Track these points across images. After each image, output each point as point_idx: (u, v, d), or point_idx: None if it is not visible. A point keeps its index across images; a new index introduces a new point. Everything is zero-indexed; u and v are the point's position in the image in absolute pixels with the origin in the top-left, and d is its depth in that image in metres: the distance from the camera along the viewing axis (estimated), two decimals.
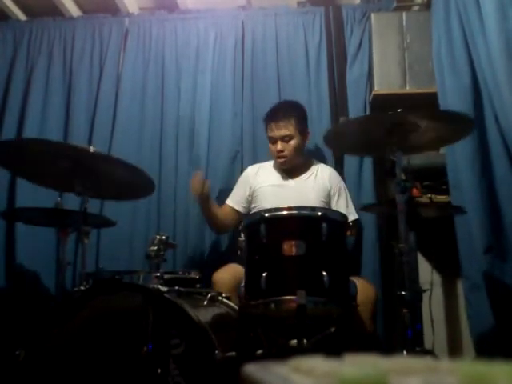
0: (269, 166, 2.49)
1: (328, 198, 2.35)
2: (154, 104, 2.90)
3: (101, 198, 2.52)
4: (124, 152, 2.71)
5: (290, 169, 2.41)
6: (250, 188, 2.41)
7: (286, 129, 2.31)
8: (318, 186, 2.36)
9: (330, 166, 2.57)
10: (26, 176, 2.05)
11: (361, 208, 2.28)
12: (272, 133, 2.34)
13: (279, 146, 2.32)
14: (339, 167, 2.64)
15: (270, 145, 2.39)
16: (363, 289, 1.94)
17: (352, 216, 2.31)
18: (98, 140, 2.83)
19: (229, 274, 2.04)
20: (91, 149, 1.73)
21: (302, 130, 2.38)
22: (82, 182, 1.80)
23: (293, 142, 2.33)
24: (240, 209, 2.42)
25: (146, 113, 2.90)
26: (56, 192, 2.36)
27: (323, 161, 2.59)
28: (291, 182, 2.39)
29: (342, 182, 2.47)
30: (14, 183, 2.77)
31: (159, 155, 2.82)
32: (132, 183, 1.97)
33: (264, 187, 2.38)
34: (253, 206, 2.39)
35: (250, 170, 2.50)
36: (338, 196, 2.38)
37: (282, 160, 2.35)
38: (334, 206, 2.34)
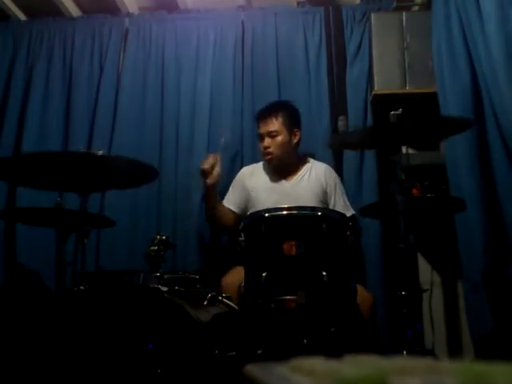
0: (263, 166, 2.49)
1: (324, 195, 2.34)
2: (153, 104, 2.90)
3: (101, 190, 2.49)
4: (124, 151, 2.71)
5: (282, 168, 2.39)
6: (246, 189, 2.40)
7: (271, 125, 2.33)
8: (312, 185, 2.35)
9: (330, 164, 2.57)
10: (24, 184, 2.03)
11: (361, 209, 2.28)
12: (259, 130, 2.38)
13: (265, 142, 2.34)
14: (338, 166, 2.64)
15: (259, 143, 2.41)
16: (360, 296, 1.93)
17: (349, 212, 2.30)
18: (98, 140, 2.83)
19: (238, 278, 2.00)
20: (98, 152, 1.68)
21: (290, 127, 2.36)
22: (81, 179, 1.79)
23: (279, 139, 2.33)
24: (236, 210, 2.39)
25: (145, 112, 2.90)
26: (56, 192, 2.36)
27: (322, 160, 2.59)
28: (285, 183, 2.38)
29: (338, 178, 2.46)
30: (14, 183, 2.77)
31: (159, 155, 2.82)
32: (133, 171, 1.92)
33: (258, 190, 2.36)
34: (249, 208, 2.37)
35: (245, 171, 2.49)
36: (335, 193, 2.37)
37: (269, 157, 2.35)
38: (331, 204, 2.33)
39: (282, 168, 2.40)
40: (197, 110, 2.86)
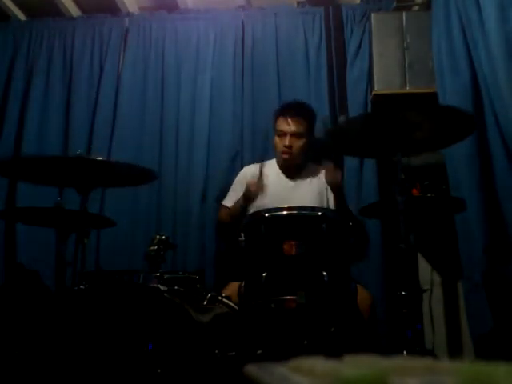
0: (264, 166, 2.48)
1: (325, 197, 2.35)
2: (153, 104, 2.90)
3: (102, 187, 2.49)
4: (124, 152, 2.73)
5: (288, 168, 2.40)
6: None
7: (299, 126, 2.28)
8: (314, 186, 2.36)
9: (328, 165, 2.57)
10: (24, 178, 2.04)
11: (360, 209, 2.27)
12: (283, 126, 2.29)
13: (288, 141, 2.27)
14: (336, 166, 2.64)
15: (277, 138, 2.33)
16: (359, 295, 1.92)
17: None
18: (97, 140, 2.83)
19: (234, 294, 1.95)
20: (92, 156, 1.69)
21: (310, 131, 2.36)
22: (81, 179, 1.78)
23: (302, 141, 2.30)
24: None
25: (145, 112, 2.90)
26: (56, 192, 2.36)
27: (321, 159, 2.59)
28: (289, 183, 2.39)
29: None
30: (14, 183, 2.77)
31: (159, 155, 2.82)
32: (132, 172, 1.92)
33: None
34: (250, 207, 2.37)
35: (247, 171, 2.49)
36: None
37: (287, 156, 2.31)
38: (332, 206, 2.34)
39: (290, 168, 2.41)
40: (197, 110, 2.86)
